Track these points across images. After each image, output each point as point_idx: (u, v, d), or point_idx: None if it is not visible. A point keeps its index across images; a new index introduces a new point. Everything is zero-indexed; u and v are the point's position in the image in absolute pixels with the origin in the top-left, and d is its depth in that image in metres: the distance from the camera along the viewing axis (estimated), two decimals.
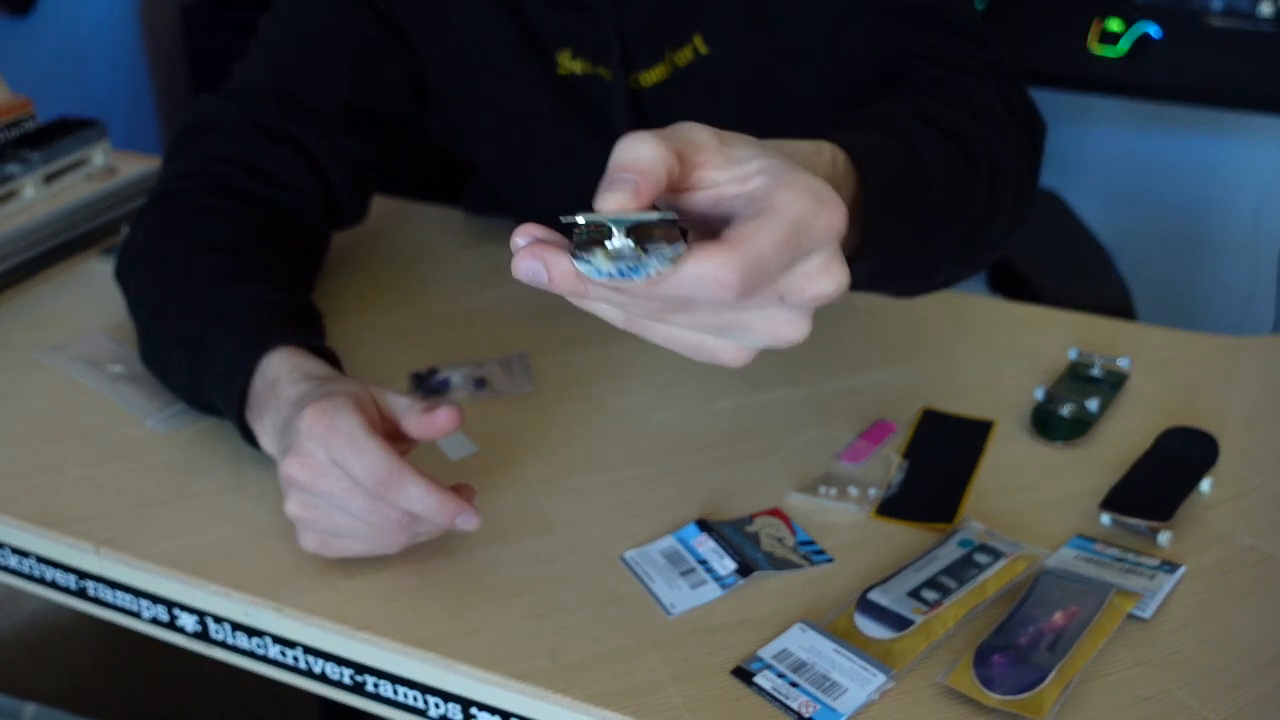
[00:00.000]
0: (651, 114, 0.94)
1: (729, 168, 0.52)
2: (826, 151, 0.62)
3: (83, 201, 1.10)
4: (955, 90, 0.78)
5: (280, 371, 0.74)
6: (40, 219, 1.06)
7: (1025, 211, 0.82)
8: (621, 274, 0.47)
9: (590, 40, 0.92)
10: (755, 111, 0.94)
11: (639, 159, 0.49)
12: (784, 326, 0.52)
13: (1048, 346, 0.91)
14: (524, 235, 0.50)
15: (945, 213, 0.69)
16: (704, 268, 0.48)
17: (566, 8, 0.91)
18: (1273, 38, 1.91)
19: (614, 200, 0.48)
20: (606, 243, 0.47)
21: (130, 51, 2.47)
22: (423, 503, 0.66)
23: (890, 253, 0.66)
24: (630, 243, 0.47)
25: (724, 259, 0.48)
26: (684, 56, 0.91)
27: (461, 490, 0.69)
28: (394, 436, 0.70)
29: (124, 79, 2.46)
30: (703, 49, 0.91)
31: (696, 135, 0.52)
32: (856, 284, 0.62)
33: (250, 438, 0.76)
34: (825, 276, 0.51)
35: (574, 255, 0.48)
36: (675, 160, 0.50)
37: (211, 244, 0.86)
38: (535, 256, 0.49)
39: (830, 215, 0.51)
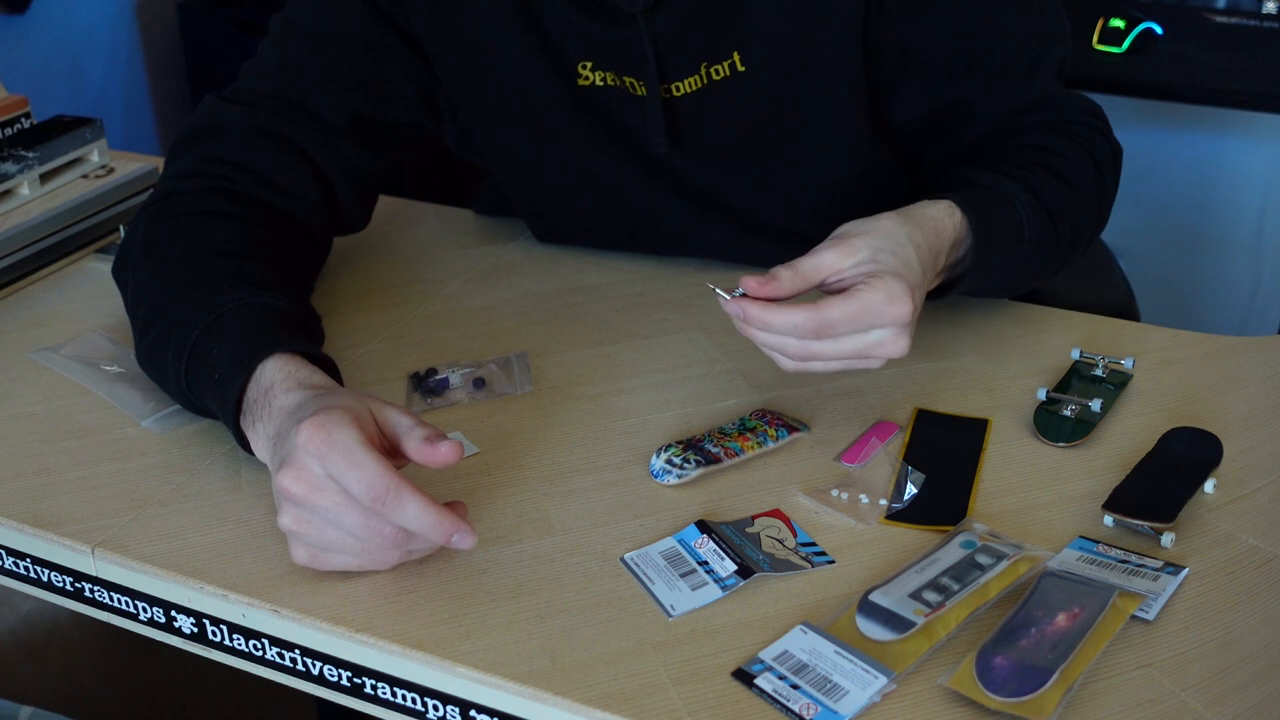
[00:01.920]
0: (684, 124, 0.94)
1: (849, 260, 0.76)
2: (958, 214, 0.83)
3: (79, 200, 1.10)
4: (1045, 153, 0.91)
5: (275, 379, 0.74)
6: (36, 218, 1.06)
7: (1099, 230, 0.98)
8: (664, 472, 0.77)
9: (618, 51, 0.91)
10: (785, 129, 0.94)
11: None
12: (872, 364, 0.77)
13: (1050, 346, 0.91)
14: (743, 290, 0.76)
15: (1027, 268, 0.89)
16: (795, 315, 0.74)
17: (595, 17, 0.91)
18: (1276, 35, 1.91)
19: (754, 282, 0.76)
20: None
21: (126, 49, 2.47)
22: (419, 521, 0.66)
23: (981, 286, 0.88)
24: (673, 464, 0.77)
25: (806, 313, 0.74)
26: (720, 71, 0.91)
27: (455, 507, 0.68)
28: (391, 452, 0.69)
29: (120, 77, 2.46)
30: (740, 66, 0.91)
31: (825, 260, 0.76)
32: (967, 293, 0.88)
33: (245, 443, 0.76)
34: (892, 345, 0.75)
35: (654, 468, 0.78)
36: (802, 280, 0.76)
37: (211, 246, 0.85)
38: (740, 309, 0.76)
39: (895, 309, 0.74)
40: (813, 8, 0.88)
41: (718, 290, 0.76)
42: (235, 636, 0.71)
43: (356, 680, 0.68)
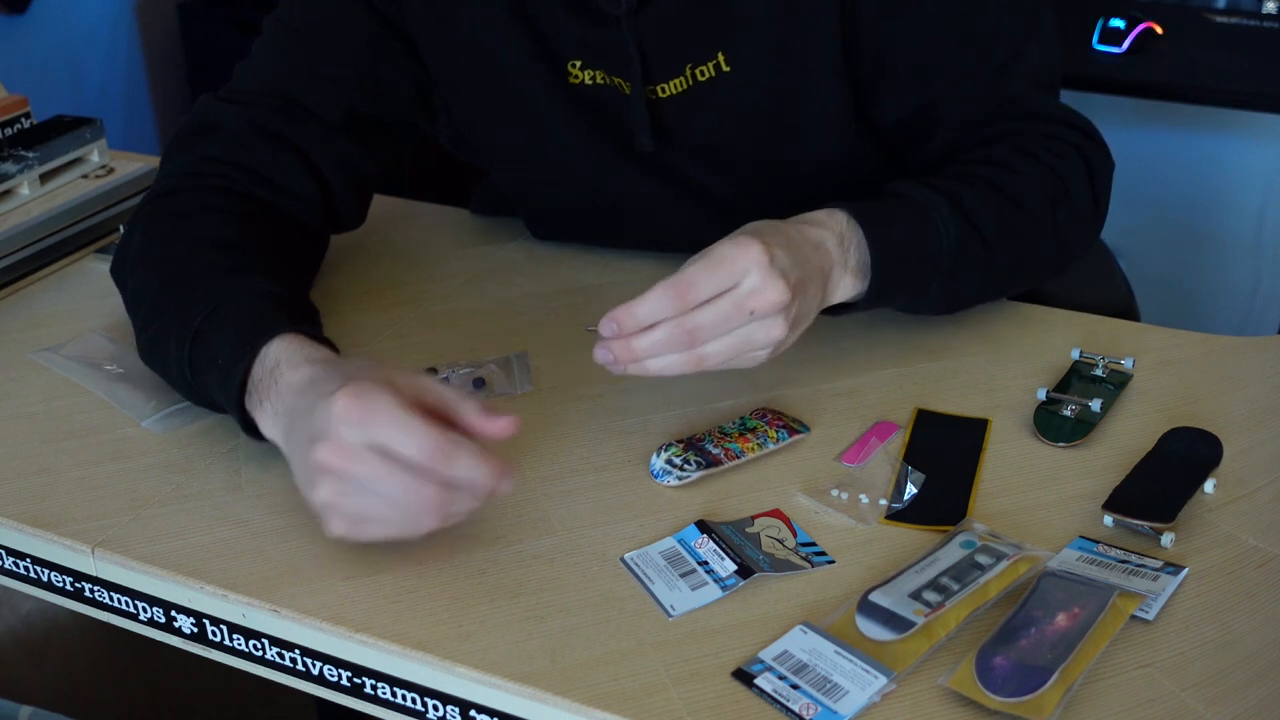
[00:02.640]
0: (670, 125, 0.94)
1: (703, 252, 0.75)
2: (839, 213, 0.82)
3: (79, 200, 1.10)
4: (992, 167, 0.88)
5: (280, 358, 0.74)
6: (36, 218, 1.06)
7: (1066, 262, 0.94)
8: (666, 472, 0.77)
9: (606, 51, 0.92)
10: (771, 128, 0.94)
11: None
12: (769, 330, 0.74)
13: (1050, 346, 0.91)
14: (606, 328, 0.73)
15: (956, 284, 0.86)
16: (654, 291, 0.72)
17: (583, 18, 0.91)
18: (1276, 35, 1.91)
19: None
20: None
21: (126, 49, 2.47)
22: (475, 470, 0.66)
23: (898, 302, 0.87)
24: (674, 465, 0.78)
25: (663, 284, 0.73)
26: (705, 72, 0.91)
27: (508, 421, 0.69)
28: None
29: (120, 77, 2.46)
30: (725, 67, 0.91)
31: (685, 267, 0.74)
32: (903, 306, 0.88)
33: (250, 428, 0.76)
34: (766, 289, 0.73)
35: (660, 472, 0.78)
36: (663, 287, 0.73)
37: (210, 239, 0.85)
38: (606, 348, 0.74)
39: (747, 251, 0.73)
40: (794, 8, 0.89)
41: (589, 328, 0.75)
42: (235, 636, 0.71)
43: (356, 680, 0.68)
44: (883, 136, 0.97)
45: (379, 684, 0.67)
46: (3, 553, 0.77)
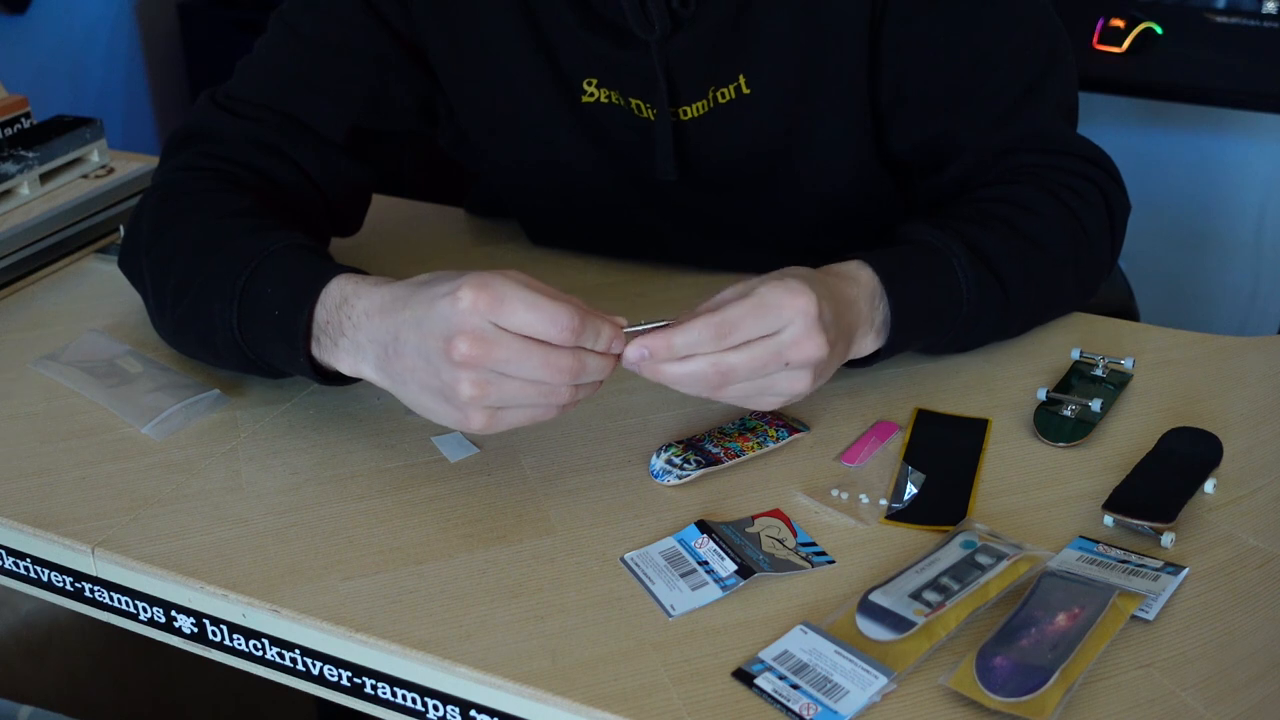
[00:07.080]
0: (692, 147, 0.94)
1: (741, 286, 0.73)
2: (867, 269, 0.80)
3: (79, 200, 1.10)
4: (1013, 207, 0.87)
5: (346, 293, 0.74)
6: (37, 218, 1.06)
7: (1081, 302, 0.94)
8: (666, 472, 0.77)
9: (626, 72, 0.91)
10: (787, 151, 0.94)
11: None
12: (794, 382, 0.73)
13: (1050, 346, 0.91)
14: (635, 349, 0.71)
15: (972, 330, 0.86)
16: (694, 324, 0.70)
17: (602, 37, 0.90)
18: (1275, 35, 1.91)
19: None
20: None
21: (127, 50, 2.47)
22: (602, 331, 0.68)
23: (917, 348, 0.86)
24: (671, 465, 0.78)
25: (704, 319, 0.70)
26: (725, 94, 0.91)
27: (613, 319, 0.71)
28: None
29: (120, 77, 2.46)
30: (745, 89, 0.90)
31: (722, 295, 0.73)
32: (924, 349, 0.87)
33: (320, 375, 0.76)
34: (807, 343, 0.71)
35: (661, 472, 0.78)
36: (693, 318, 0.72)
37: (227, 210, 0.85)
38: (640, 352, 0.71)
39: (797, 300, 0.71)
40: (820, 31, 0.88)
41: (627, 329, 0.72)
42: (235, 636, 0.71)
43: (356, 680, 0.68)
44: (898, 163, 0.97)
45: (379, 684, 0.67)
46: (3, 553, 0.77)
